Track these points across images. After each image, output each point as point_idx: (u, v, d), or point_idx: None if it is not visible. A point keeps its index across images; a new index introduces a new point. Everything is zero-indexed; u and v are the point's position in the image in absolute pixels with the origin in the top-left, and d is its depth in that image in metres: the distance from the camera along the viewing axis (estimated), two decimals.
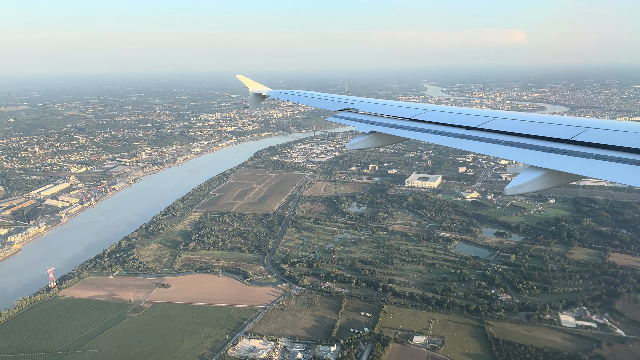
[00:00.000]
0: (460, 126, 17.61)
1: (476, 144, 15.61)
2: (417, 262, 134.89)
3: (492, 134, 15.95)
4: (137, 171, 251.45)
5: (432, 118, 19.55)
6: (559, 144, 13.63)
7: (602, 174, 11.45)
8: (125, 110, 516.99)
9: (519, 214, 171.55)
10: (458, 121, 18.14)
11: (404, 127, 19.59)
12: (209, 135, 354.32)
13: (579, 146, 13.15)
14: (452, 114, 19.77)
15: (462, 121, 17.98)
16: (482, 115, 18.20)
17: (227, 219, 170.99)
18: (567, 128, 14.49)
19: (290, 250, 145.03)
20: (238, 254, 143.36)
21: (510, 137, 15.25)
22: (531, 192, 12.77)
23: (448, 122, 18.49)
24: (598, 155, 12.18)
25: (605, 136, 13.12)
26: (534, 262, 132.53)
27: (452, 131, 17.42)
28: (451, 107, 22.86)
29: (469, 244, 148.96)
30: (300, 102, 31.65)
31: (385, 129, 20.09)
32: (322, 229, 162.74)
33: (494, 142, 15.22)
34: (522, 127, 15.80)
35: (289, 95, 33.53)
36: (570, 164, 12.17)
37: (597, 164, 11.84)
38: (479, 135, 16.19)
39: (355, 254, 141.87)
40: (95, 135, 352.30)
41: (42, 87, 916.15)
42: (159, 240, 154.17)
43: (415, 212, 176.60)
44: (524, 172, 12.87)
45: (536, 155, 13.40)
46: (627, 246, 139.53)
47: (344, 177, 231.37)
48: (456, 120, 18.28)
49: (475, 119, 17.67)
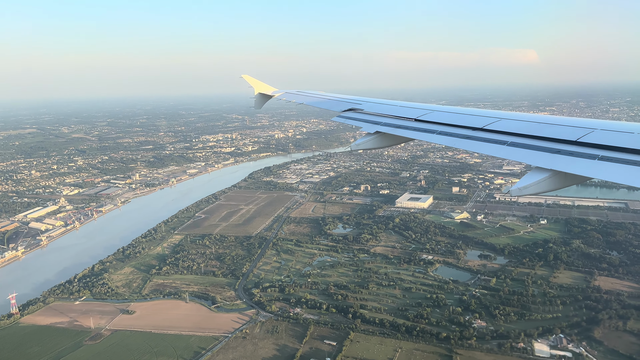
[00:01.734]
0: (466, 127, 17.37)
1: (481, 145, 15.47)
2: (394, 286, 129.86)
3: (498, 135, 15.79)
4: (128, 193, 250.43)
5: (437, 119, 19.34)
6: (565, 145, 13.46)
7: (608, 175, 11.23)
8: (130, 132, 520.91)
9: (507, 236, 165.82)
10: (463, 122, 17.92)
11: (409, 128, 19.42)
12: (207, 156, 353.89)
13: (585, 147, 12.96)
14: (458, 115, 19.54)
15: (467, 122, 17.77)
16: (488, 116, 17.93)
17: (207, 241, 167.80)
18: (573, 129, 14.35)
19: (265, 274, 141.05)
20: (211, 278, 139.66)
21: (515, 138, 15.13)
22: (537, 193, 12.56)
23: (453, 122, 18.26)
24: (604, 156, 11.99)
25: (611, 138, 12.92)
26: (515, 286, 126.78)
27: (458, 132, 17.22)
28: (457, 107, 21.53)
29: (450, 266, 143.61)
30: (305, 102, 31.07)
31: (390, 129, 20.01)
32: (302, 251, 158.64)
33: (500, 143, 15.09)
34: (527, 128, 15.67)
35: (294, 95, 33.39)
36: (576, 165, 12.05)
37: (603, 165, 11.66)
38: (484, 136, 16.01)
39: (332, 277, 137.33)
40: (94, 157, 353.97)
41: (54, 110, 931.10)
42: (134, 264, 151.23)
43: (400, 234, 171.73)
44: (529, 173, 12.70)
45: (542, 156, 13.28)
46: (615, 269, 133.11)
47: (334, 198, 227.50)
48: (461, 121, 18.09)
49: (481, 120, 17.46)
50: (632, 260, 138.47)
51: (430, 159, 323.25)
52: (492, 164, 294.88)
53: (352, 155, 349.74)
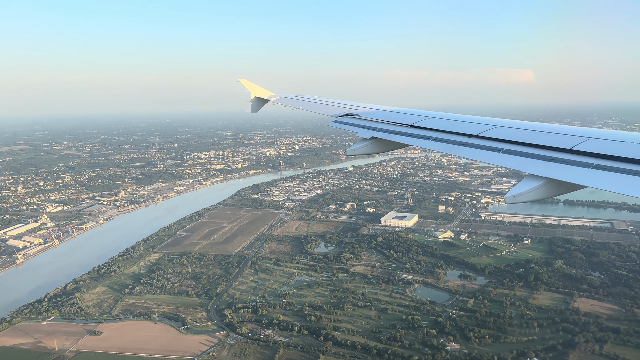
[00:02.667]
0: (461, 134, 17.35)
1: (476, 152, 15.44)
2: (370, 307, 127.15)
3: (493, 142, 15.77)
4: (112, 210, 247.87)
5: (433, 125, 19.29)
6: (560, 153, 13.42)
7: (601, 184, 11.20)
8: (122, 149, 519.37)
9: (489, 255, 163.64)
10: (459, 129, 17.95)
11: (404, 134, 19.42)
12: (195, 174, 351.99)
13: (579, 156, 12.96)
14: (453, 122, 19.47)
15: (463, 129, 17.79)
16: (483, 123, 17.94)
17: (184, 260, 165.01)
18: (567, 137, 14.35)
19: (241, 294, 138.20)
20: (184, 299, 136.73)
21: (510, 146, 15.08)
22: (530, 200, 12.44)
23: (449, 129, 18.26)
24: (598, 165, 12.03)
25: (605, 146, 12.94)
26: (493, 307, 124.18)
27: (453, 138, 17.22)
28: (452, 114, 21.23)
29: (429, 287, 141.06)
30: (302, 107, 30.93)
31: (386, 134, 20.01)
32: (281, 270, 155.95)
33: (494, 150, 15.06)
34: (522, 135, 15.66)
35: (290, 100, 33.39)
36: (570, 174, 12.07)
37: (597, 173, 11.71)
38: (479, 143, 16.00)
39: (308, 298, 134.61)
40: (82, 174, 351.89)
41: (50, 127, 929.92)
42: (107, 283, 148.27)
43: (382, 253, 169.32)
44: (523, 180, 12.63)
45: (536, 164, 13.23)
46: (595, 290, 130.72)
47: (319, 216, 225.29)
48: (457, 128, 18.13)
49: (476, 127, 17.48)
50: (614, 281, 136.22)
51: (419, 177, 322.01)
52: (481, 183, 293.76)
53: (341, 173, 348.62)
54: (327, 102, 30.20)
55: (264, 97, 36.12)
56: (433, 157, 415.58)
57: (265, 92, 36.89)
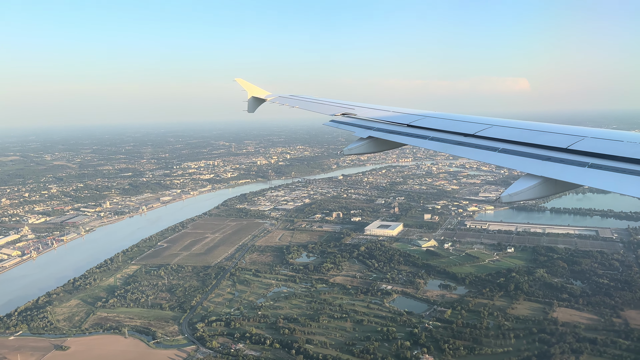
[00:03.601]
0: (458, 133, 17.32)
1: (473, 151, 15.44)
2: (345, 318, 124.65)
3: (489, 142, 15.74)
4: (95, 221, 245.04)
5: (429, 124, 19.23)
6: (556, 153, 13.42)
7: (597, 182, 11.27)
8: (113, 159, 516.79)
9: (471, 264, 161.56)
10: (455, 128, 17.90)
11: (401, 133, 19.34)
12: (184, 183, 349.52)
13: (575, 155, 12.97)
14: (450, 121, 19.37)
15: (459, 128, 17.75)
16: (480, 122, 17.89)
17: (162, 272, 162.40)
18: (563, 137, 14.30)
19: (215, 306, 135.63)
20: (157, 312, 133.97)
21: (507, 145, 15.05)
22: (527, 199, 12.47)
23: (445, 128, 18.18)
24: (594, 164, 12.06)
25: (601, 145, 12.93)
26: (471, 317, 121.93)
27: (449, 138, 17.16)
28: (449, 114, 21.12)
29: (408, 297, 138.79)
30: (299, 107, 30.63)
31: (382, 134, 19.93)
32: (259, 282, 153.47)
33: (491, 150, 15.06)
34: (519, 135, 15.63)
35: (287, 99, 33.22)
36: (566, 173, 12.14)
37: (592, 172, 11.75)
38: (475, 143, 16.01)
39: (284, 310, 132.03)
40: (69, 184, 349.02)
41: (43, 138, 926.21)
42: (81, 296, 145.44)
43: (364, 263, 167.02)
44: (520, 180, 12.65)
45: (532, 163, 13.22)
46: (575, 300, 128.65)
47: (304, 226, 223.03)
48: (453, 127, 18.04)
49: (473, 126, 17.43)
50: (594, 290, 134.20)
51: (408, 186, 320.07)
52: (469, 191, 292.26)
53: (331, 182, 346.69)
54: (324, 102, 29.94)
55: (260, 96, 36.00)
56: (423, 165, 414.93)
57: (262, 92, 36.75)
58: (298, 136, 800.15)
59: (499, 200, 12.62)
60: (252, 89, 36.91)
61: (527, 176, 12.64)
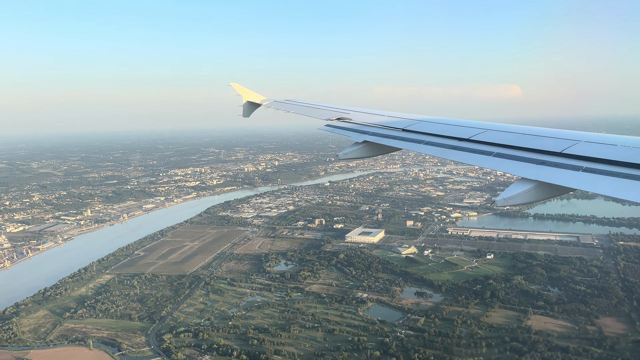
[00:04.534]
0: (453, 137, 17.35)
1: (467, 156, 15.46)
2: (317, 328, 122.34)
3: (484, 146, 15.75)
4: (75, 229, 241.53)
5: (424, 129, 19.38)
6: (550, 157, 13.35)
7: (591, 186, 11.34)
8: (100, 167, 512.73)
9: (449, 271, 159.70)
10: (450, 132, 17.92)
11: (396, 137, 19.38)
12: (168, 191, 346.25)
13: (569, 159, 12.90)
14: (445, 125, 19.32)
15: (454, 132, 17.77)
16: (474, 127, 17.87)
17: (135, 281, 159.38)
18: (558, 141, 14.23)
19: (186, 317, 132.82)
20: (126, 322, 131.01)
21: (501, 149, 15.04)
22: (521, 203, 12.44)
23: (440, 133, 18.23)
24: (588, 168, 12.03)
25: (595, 150, 12.91)
26: (444, 326, 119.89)
27: (444, 142, 17.20)
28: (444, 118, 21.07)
29: (383, 305, 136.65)
30: (294, 111, 30.34)
31: (377, 138, 19.99)
32: (234, 291, 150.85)
33: (485, 154, 15.08)
34: (513, 139, 15.56)
35: (282, 104, 32.99)
36: (560, 177, 12.15)
37: (587, 176, 11.72)
38: (470, 147, 16.07)
39: (255, 319, 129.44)
40: (52, 192, 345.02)
41: (33, 145, 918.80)
42: (50, 307, 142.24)
43: (342, 270, 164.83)
44: (514, 184, 12.63)
45: (527, 167, 13.18)
46: (550, 307, 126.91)
47: (285, 233, 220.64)
48: (448, 132, 18.07)
49: (468, 131, 17.49)
50: (570, 298, 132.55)
51: (394, 192, 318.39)
52: (454, 197, 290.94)
53: (317, 189, 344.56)
54: (319, 106, 29.80)
55: (256, 101, 35.94)
56: (411, 171, 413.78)
57: (258, 97, 36.66)
58: (289, 143, 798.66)
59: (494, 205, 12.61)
60: (247, 94, 36.87)
61: (521, 180, 12.64)
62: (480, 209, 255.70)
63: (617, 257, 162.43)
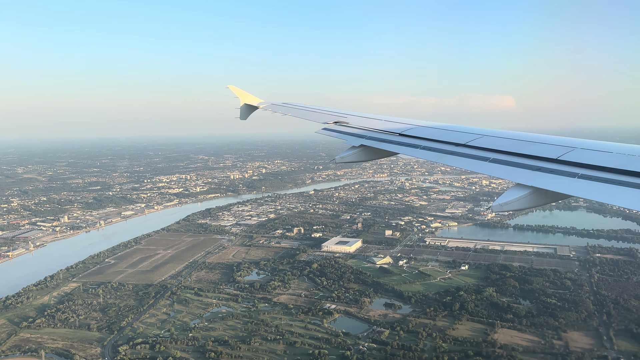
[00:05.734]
0: (449, 142, 17.21)
1: (463, 161, 15.41)
2: (279, 340, 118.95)
3: (480, 151, 15.65)
4: (49, 236, 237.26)
5: (421, 134, 19.24)
6: (546, 163, 13.38)
7: (586, 193, 11.25)
8: (86, 172, 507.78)
9: (422, 282, 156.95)
10: (447, 138, 17.83)
11: (393, 142, 19.26)
12: (150, 198, 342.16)
13: (565, 165, 12.94)
14: (441, 131, 19.33)
15: (451, 138, 17.66)
16: (471, 132, 17.73)
17: (101, 290, 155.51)
18: (554, 147, 14.28)
19: (146, 327, 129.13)
20: (84, 333, 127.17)
21: (497, 155, 14.99)
22: (517, 209, 12.52)
23: (437, 138, 18.13)
24: (584, 175, 12.02)
25: (591, 157, 12.93)
26: (409, 338, 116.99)
27: (441, 147, 17.08)
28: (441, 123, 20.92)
29: (350, 317, 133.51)
30: (291, 114, 30.21)
31: (374, 143, 19.93)
32: (200, 301, 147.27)
33: (482, 159, 14.98)
34: (509, 145, 15.50)
35: (279, 107, 32.89)
36: (556, 183, 12.10)
37: (582, 183, 11.68)
38: (467, 152, 15.97)
39: (217, 331, 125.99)
40: (32, 198, 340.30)
41: (23, 150, 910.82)
42: (9, 316, 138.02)
43: (313, 281, 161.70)
44: (510, 189, 12.62)
45: (523, 173, 13.19)
46: (519, 320, 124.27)
47: (262, 242, 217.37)
48: (445, 137, 17.99)
49: (464, 136, 17.36)
50: (540, 310, 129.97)
51: (378, 201, 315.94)
52: (437, 207, 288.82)
53: (301, 197, 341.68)
54: (316, 110, 29.72)
55: (253, 104, 35.86)
56: (397, 180, 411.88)
57: (255, 99, 36.57)
58: (280, 150, 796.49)
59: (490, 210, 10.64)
60: (244, 96, 36.76)
61: (517, 186, 12.59)
62: (461, 219, 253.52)
63: (592, 270, 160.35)
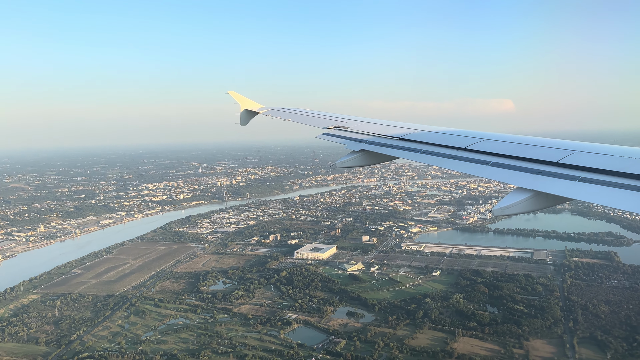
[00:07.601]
0: (450, 147, 17.10)
1: (464, 165, 15.24)
2: (230, 353, 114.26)
3: (481, 155, 15.53)
4: (21, 246, 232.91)
5: (422, 138, 19.08)
6: (547, 166, 13.27)
7: (587, 196, 11.16)
8: (74, 181, 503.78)
9: (390, 289, 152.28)
10: (448, 142, 17.70)
11: (394, 147, 19.14)
12: (132, 206, 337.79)
13: (566, 169, 12.81)
14: (442, 135, 19.00)
15: (451, 142, 17.52)
16: (471, 136, 17.68)
17: (59, 302, 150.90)
18: (554, 151, 14.16)
19: (96, 341, 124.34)
20: (31, 347, 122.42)
21: (498, 159, 14.86)
22: (518, 213, 12.34)
23: (438, 142, 17.96)
24: (584, 178, 11.96)
25: (591, 160, 12.83)
26: (365, 349, 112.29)
27: (441, 151, 17.02)
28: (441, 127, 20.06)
29: (310, 327, 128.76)
30: (291, 119, 29.88)
31: (375, 147, 19.82)
32: (158, 312, 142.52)
33: (482, 163, 14.87)
34: (510, 149, 15.42)
35: (279, 112, 32.69)
36: (557, 186, 12.00)
37: (583, 186, 11.62)
38: (467, 156, 15.78)
39: (168, 344, 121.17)
40: (13, 208, 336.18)
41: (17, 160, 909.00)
42: None
43: (279, 289, 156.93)
44: (511, 193, 12.50)
45: (524, 176, 13.10)
46: (482, 329, 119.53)
47: (236, 249, 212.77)
48: (446, 141, 17.84)
49: (465, 140, 17.29)
50: (505, 318, 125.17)
51: (362, 206, 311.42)
52: (420, 212, 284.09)
53: (285, 203, 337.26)
54: (316, 115, 29.53)
55: (253, 109, 35.67)
56: (385, 185, 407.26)
57: (255, 105, 36.39)
58: (273, 156, 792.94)
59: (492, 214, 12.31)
60: (244, 102, 36.53)
61: (518, 190, 12.50)
62: (442, 224, 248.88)
63: (566, 275, 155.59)
